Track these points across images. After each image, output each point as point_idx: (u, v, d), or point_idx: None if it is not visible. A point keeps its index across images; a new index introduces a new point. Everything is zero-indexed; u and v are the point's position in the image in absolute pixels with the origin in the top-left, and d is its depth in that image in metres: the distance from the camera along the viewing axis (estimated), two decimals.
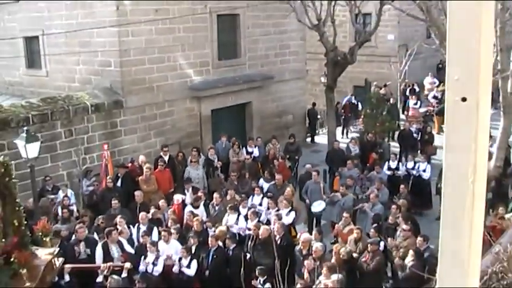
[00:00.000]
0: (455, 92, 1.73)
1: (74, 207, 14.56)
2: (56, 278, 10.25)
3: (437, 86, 29.09)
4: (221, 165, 17.83)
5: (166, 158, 16.85)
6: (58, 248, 11.65)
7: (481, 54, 1.71)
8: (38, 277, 7.42)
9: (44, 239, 8.68)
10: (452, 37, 1.74)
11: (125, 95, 17.77)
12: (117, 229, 12.24)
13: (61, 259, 8.65)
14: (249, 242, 12.40)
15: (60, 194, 14.95)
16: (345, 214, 13.26)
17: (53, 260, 7.95)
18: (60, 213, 14.09)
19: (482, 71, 1.71)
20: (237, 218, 13.65)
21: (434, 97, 27.51)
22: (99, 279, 11.28)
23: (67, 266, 10.74)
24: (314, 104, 26.18)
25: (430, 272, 9.64)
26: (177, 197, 14.69)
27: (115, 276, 10.85)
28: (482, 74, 1.70)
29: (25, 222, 7.86)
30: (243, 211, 13.90)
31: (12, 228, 7.59)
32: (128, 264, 11.36)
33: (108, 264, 11.32)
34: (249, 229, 13.14)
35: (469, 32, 1.71)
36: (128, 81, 17.80)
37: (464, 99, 1.73)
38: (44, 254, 7.93)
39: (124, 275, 11.22)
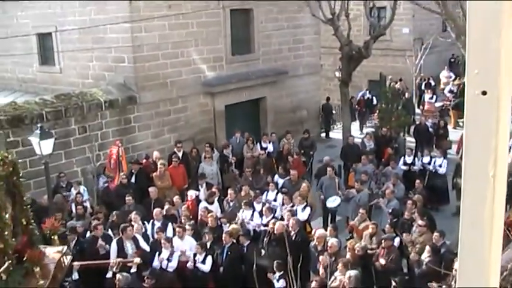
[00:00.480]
0: (475, 86, 1.72)
1: (88, 204, 14.65)
2: None
3: (454, 80, 28.90)
4: (235, 161, 17.86)
5: (180, 154, 16.90)
6: (75, 245, 11.82)
7: (502, 47, 1.69)
8: (50, 275, 7.46)
9: (53, 237, 8.71)
10: (472, 30, 1.73)
11: (138, 91, 17.83)
12: (132, 225, 12.29)
13: (69, 257, 8.68)
14: (264, 238, 12.43)
15: (73, 191, 15.04)
16: (361, 210, 13.24)
17: (61, 259, 7.99)
18: (74, 210, 14.20)
19: (503, 64, 1.69)
20: (252, 214, 13.68)
21: (450, 91, 27.34)
22: (109, 275, 11.32)
23: (75, 263, 10.77)
24: (328, 99, 26.12)
25: (447, 268, 9.60)
26: (191, 193, 14.74)
27: (124, 274, 10.86)
28: (503, 67, 1.69)
29: (32, 220, 7.89)
30: (258, 207, 13.93)
31: (21, 227, 7.63)
32: (137, 260, 11.37)
33: (118, 260, 11.36)
34: (264, 225, 13.20)
35: (489, 24, 1.69)
36: (141, 77, 17.86)
37: (484, 93, 1.71)
38: (52, 252, 7.96)
39: (133, 270, 11.25)
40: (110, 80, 18.26)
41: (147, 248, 12.11)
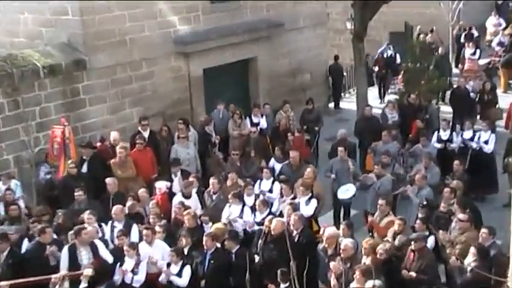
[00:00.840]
0: None
1: (22, 203, 14.56)
2: None
3: (504, 29, 28.85)
4: (219, 142, 17.91)
5: (146, 134, 16.88)
6: (7, 257, 11.76)
7: None
8: None
9: None
10: None
11: (88, 53, 17.69)
12: (86, 228, 12.26)
13: None
14: (259, 241, 12.47)
15: (1, 186, 14.96)
16: (380, 201, 13.26)
17: None
18: (2, 212, 14.16)
19: None
20: (242, 210, 13.72)
21: (500, 43, 27.31)
22: None
23: (3, 283, 10.71)
24: (337, 58, 26.04)
25: (498, 274, 9.63)
26: (162, 185, 14.76)
27: None
28: None
29: None
30: (249, 200, 13.98)
31: None
32: (88, 271, 11.34)
33: (61, 274, 11.33)
34: (258, 224, 13.26)
35: None
36: (91, 34, 17.69)
37: None
38: None
39: (83, 285, 11.25)
40: (48, 38, 18.08)
41: (110, 258, 12.08)
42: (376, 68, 26.21)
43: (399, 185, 14.87)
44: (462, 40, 27.97)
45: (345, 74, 26.46)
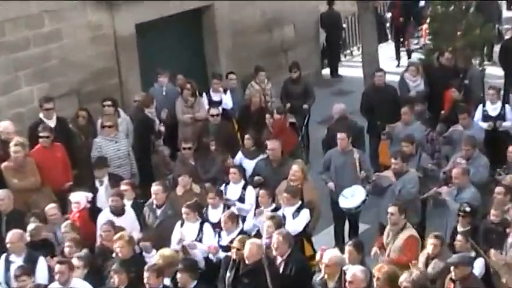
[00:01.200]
0: None
1: None
2: None
3: None
4: (164, 129, 17.84)
5: (52, 123, 16.73)
6: None
7: None
8: None
9: None
10: None
11: None
12: None
13: None
14: (227, 274, 12.37)
15: None
16: (391, 209, 13.04)
17: None
18: None
19: None
20: (200, 229, 13.68)
21: None
22: None
23: None
24: (332, 3, 26.02)
25: None
26: (80, 197, 14.68)
27: None
28: None
29: None
30: (212, 214, 14.04)
31: None
32: None
33: None
34: (224, 249, 13.18)
35: None
36: None
37: None
38: None
39: None
40: None
41: None
42: (390, 15, 26.23)
43: (429, 186, 14.88)
44: None
45: (344, 25, 26.48)
